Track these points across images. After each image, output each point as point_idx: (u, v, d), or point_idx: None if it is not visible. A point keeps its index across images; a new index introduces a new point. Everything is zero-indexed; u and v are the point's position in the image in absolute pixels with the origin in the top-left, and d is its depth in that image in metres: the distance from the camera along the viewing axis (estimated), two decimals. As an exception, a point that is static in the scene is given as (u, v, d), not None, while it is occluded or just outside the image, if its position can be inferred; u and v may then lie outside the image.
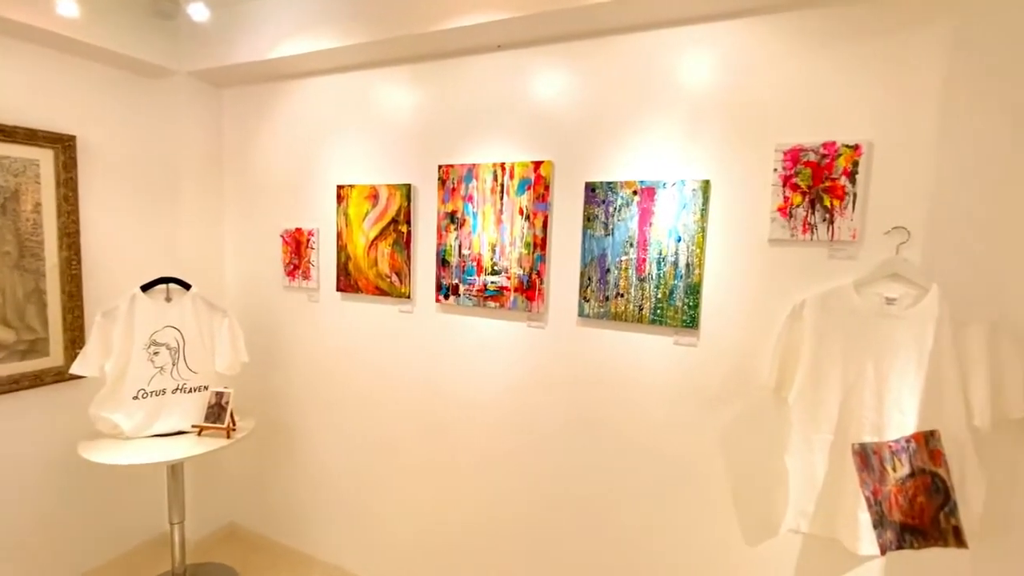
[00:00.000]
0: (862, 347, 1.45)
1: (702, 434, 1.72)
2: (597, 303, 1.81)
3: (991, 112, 1.34)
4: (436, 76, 2.06)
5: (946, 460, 1.37)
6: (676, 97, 1.67)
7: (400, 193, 2.13)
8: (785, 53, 1.53)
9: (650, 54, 1.70)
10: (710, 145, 1.64)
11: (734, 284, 1.64)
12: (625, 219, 1.74)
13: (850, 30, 1.46)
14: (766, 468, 1.61)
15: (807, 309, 1.51)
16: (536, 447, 1.98)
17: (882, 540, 1.42)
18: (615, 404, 1.83)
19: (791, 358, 1.54)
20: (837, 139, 1.47)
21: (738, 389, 1.66)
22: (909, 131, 1.42)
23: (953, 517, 1.37)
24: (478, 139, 2.00)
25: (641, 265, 1.73)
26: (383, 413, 2.30)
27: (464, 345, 2.09)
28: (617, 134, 1.76)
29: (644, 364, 1.78)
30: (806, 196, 1.51)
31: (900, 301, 1.43)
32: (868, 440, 1.44)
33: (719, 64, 1.62)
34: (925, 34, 1.39)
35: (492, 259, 1.97)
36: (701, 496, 1.74)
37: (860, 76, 1.46)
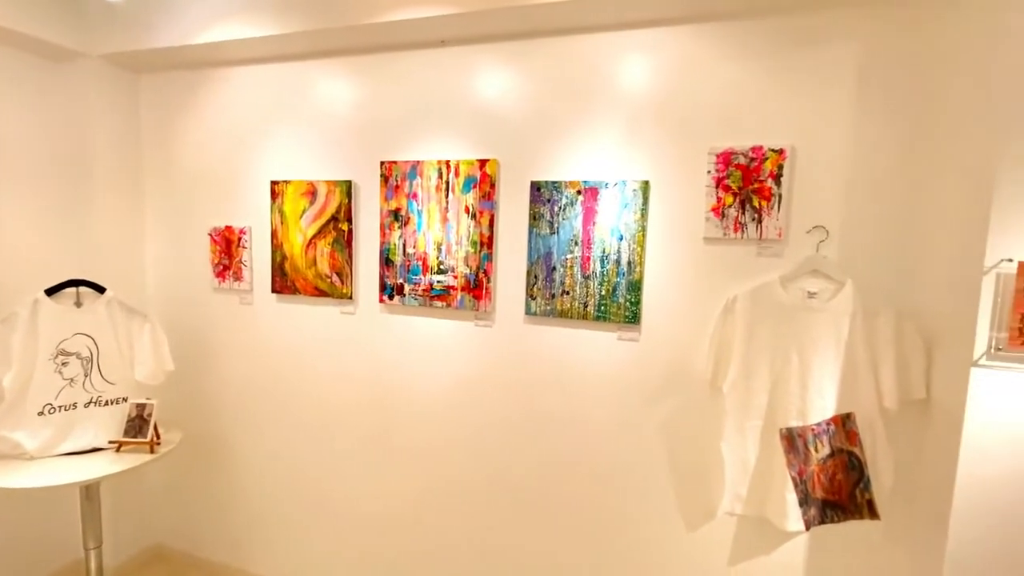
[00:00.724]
0: (788, 338, 1.56)
1: (644, 425, 1.78)
2: (544, 301, 1.83)
3: (895, 123, 1.48)
4: (377, 70, 2.01)
5: (860, 440, 1.50)
6: (617, 100, 1.72)
7: (340, 190, 2.06)
8: (717, 61, 1.62)
9: (591, 57, 1.74)
10: (649, 147, 1.70)
11: (672, 281, 1.71)
12: (570, 218, 1.77)
13: (775, 43, 1.56)
14: (704, 455, 1.69)
15: (739, 304, 1.60)
16: (486, 447, 1.98)
17: (807, 517, 1.53)
18: (562, 399, 1.86)
19: (725, 350, 1.62)
20: (764, 144, 1.57)
21: (677, 381, 1.73)
22: (826, 138, 1.53)
23: (867, 492, 1.50)
24: (422, 135, 1.97)
25: (586, 263, 1.76)
26: (325, 419, 2.21)
27: (410, 346, 2.05)
28: (561, 134, 1.79)
29: (590, 359, 1.82)
30: (737, 197, 1.60)
31: (820, 295, 1.54)
32: (794, 424, 1.55)
33: (656, 69, 1.68)
34: (838, 50, 1.51)
35: (438, 258, 1.95)
36: (644, 485, 1.80)
37: (784, 86, 1.56)
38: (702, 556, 1.75)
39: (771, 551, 1.68)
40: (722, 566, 1.74)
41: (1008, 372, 1.24)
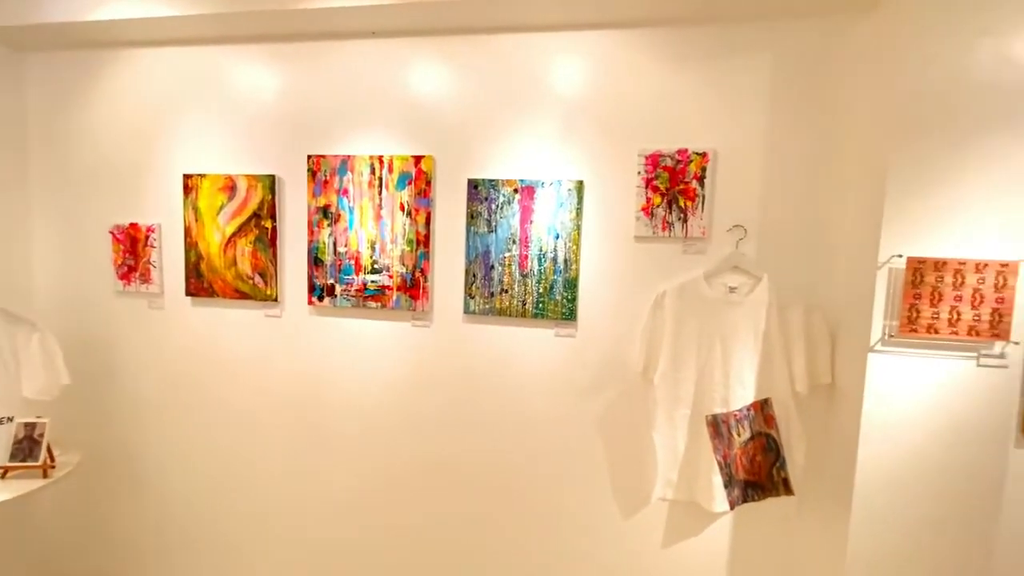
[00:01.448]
0: (711, 331, 1.65)
1: (581, 418, 1.82)
2: (482, 299, 1.82)
3: (804, 130, 1.61)
4: (304, 59, 1.90)
5: (776, 423, 1.62)
6: (552, 100, 1.75)
7: (262, 185, 1.94)
8: (646, 67, 1.68)
9: (527, 56, 1.75)
10: (583, 147, 1.74)
11: (606, 278, 1.76)
12: (507, 216, 1.78)
13: (698, 51, 1.65)
14: (637, 444, 1.76)
15: (667, 299, 1.67)
16: (426, 449, 1.94)
17: (731, 497, 1.64)
18: (502, 396, 1.87)
19: (655, 343, 1.70)
20: (689, 147, 1.65)
21: (611, 374, 1.79)
22: (745, 142, 1.64)
23: (783, 470, 1.63)
24: (353, 129, 1.89)
25: (523, 261, 1.78)
26: (251, 430, 2.07)
27: (343, 349, 1.97)
28: (498, 132, 1.79)
29: (529, 356, 1.83)
30: (664, 197, 1.68)
31: (740, 289, 1.65)
32: (718, 411, 1.65)
33: (589, 71, 1.72)
34: (754, 60, 1.62)
35: (372, 257, 1.88)
36: (582, 475, 1.84)
37: (707, 92, 1.65)
38: (637, 541, 1.83)
39: (700, 532, 1.78)
40: (656, 549, 1.82)
41: (899, 357, 1.39)
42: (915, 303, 1.36)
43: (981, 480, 1.37)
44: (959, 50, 1.30)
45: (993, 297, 1.32)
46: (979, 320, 1.33)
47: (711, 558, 1.78)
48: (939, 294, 1.35)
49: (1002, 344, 1.34)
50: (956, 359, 1.37)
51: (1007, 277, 1.31)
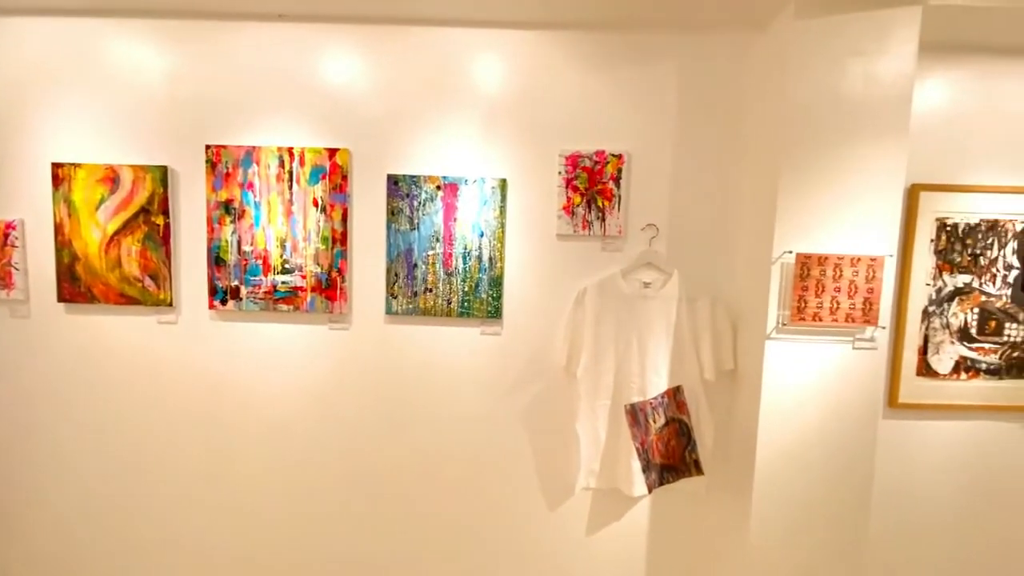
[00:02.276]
0: (628, 324, 1.74)
1: (508, 414, 1.83)
2: (405, 299, 1.77)
3: (708, 135, 1.73)
4: (202, 39, 1.73)
5: (688, 408, 1.74)
6: (474, 97, 1.73)
7: (152, 177, 1.74)
8: (566, 68, 1.72)
9: (449, 50, 1.72)
10: (506, 146, 1.74)
11: (530, 275, 1.79)
12: (430, 213, 1.74)
13: (613, 56, 1.71)
14: (562, 437, 1.80)
15: (588, 295, 1.73)
16: (348, 456, 1.85)
17: (649, 481, 1.73)
18: (428, 396, 1.83)
19: (577, 338, 1.75)
20: (606, 148, 1.71)
21: (536, 370, 1.82)
22: (656, 145, 1.74)
23: (694, 452, 1.75)
24: (258, 119, 1.75)
25: (448, 259, 1.75)
26: (142, 451, 1.86)
27: (251, 356, 1.82)
28: (419, 127, 1.74)
29: (454, 355, 1.81)
30: (584, 197, 1.73)
31: (653, 285, 1.75)
32: (635, 400, 1.73)
33: (511, 70, 1.72)
34: (663, 67, 1.71)
35: (282, 256, 1.76)
36: (509, 470, 1.86)
37: (622, 96, 1.73)
38: (563, 530, 1.87)
39: (621, 516, 1.87)
40: (581, 537, 1.88)
41: (791, 343, 1.54)
42: (803, 294, 1.52)
43: (858, 447, 1.56)
44: (834, 68, 1.46)
45: (865, 288, 1.51)
46: (854, 308, 1.52)
47: (632, 540, 1.88)
48: (822, 286, 1.51)
49: (872, 329, 1.53)
50: (836, 343, 1.55)
51: (875, 270, 1.50)
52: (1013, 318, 1.78)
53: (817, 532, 1.59)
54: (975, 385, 1.80)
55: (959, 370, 1.80)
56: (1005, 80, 1.74)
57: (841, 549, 1.60)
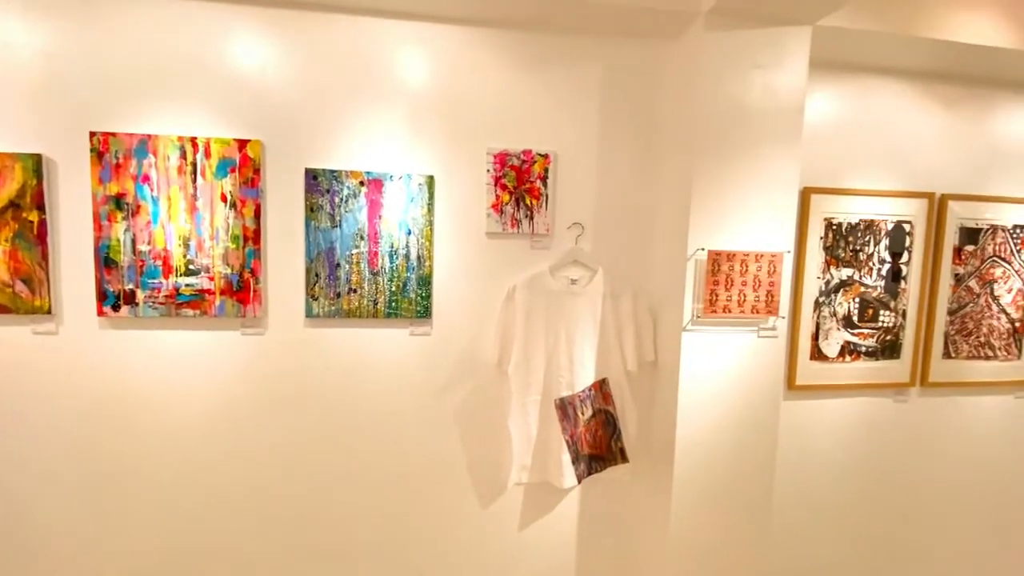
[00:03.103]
0: (557, 320, 1.77)
1: (439, 414, 1.81)
2: (327, 301, 1.68)
3: (629, 136, 1.81)
4: (81, 10, 1.53)
5: (613, 399, 1.81)
6: (400, 91, 1.68)
7: (23, 167, 1.51)
8: (493, 66, 1.71)
9: (373, 41, 1.65)
10: (433, 142, 1.71)
11: (460, 274, 1.77)
12: (353, 210, 1.66)
13: (540, 56, 1.73)
14: (494, 435, 1.81)
15: (517, 292, 1.75)
16: (268, 465, 1.73)
17: (578, 472, 1.78)
18: (355, 401, 1.75)
19: (508, 335, 1.76)
20: (533, 148, 1.74)
21: (468, 369, 1.81)
22: (581, 146, 1.78)
23: (619, 441, 1.83)
24: (155, 104, 1.58)
25: (373, 258, 1.69)
26: (20, 484, 1.62)
27: (150, 368, 1.65)
28: (340, 120, 1.66)
29: (382, 358, 1.75)
30: (513, 195, 1.74)
31: (580, 281, 1.80)
32: (565, 394, 1.78)
33: (439, 65, 1.69)
34: (586, 70, 1.76)
35: (186, 256, 1.61)
36: (441, 471, 1.83)
37: (548, 96, 1.75)
38: (496, 527, 1.88)
39: (552, 508, 1.91)
40: (513, 532, 1.90)
41: (705, 334, 1.66)
42: (714, 288, 1.63)
43: (762, 426, 1.71)
44: (738, 80, 1.58)
45: (767, 281, 1.65)
46: (758, 300, 1.65)
47: (562, 530, 1.92)
48: (731, 280, 1.64)
49: (774, 318, 1.68)
50: (743, 332, 1.68)
51: (776, 265, 1.65)
52: (886, 306, 2.04)
53: (729, 505, 1.72)
54: (857, 366, 2.04)
55: (844, 353, 2.03)
56: (878, 96, 1.98)
57: (750, 519, 1.74)
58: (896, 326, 2.05)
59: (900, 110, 2.00)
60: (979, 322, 2.11)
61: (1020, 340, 2.15)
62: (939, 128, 2.04)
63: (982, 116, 2.07)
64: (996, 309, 2.11)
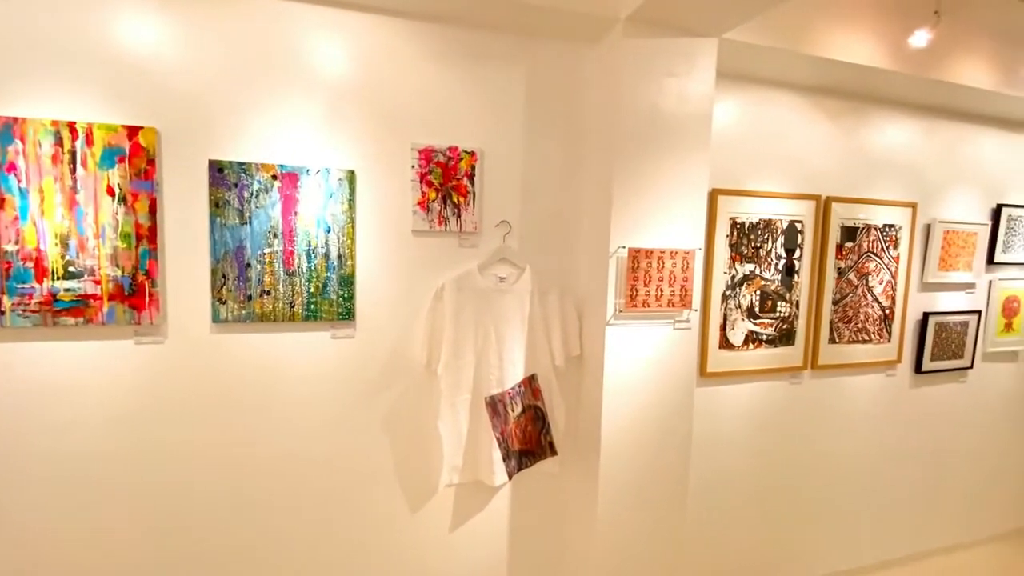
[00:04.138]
0: (486, 318, 1.77)
1: (365, 419, 1.74)
2: (237, 304, 1.55)
3: (553, 136, 1.83)
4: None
5: (542, 394, 1.84)
6: (315, 80, 1.58)
7: None
8: (418, 60, 1.66)
9: (285, 26, 1.54)
10: (353, 135, 1.63)
11: (385, 273, 1.71)
12: (265, 206, 1.55)
13: (466, 53, 1.71)
14: (423, 437, 1.78)
15: (446, 291, 1.72)
16: (175, 492, 1.57)
17: (509, 468, 1.80)
18: (272, 412, 1.64)
19: (437, 335, 1.73)
20: (460, 145, 1.71)
21: (395, 371, 1.75)
22: (507, 144, 1.79)
23: (548, 435, 1.86)
24: (21, 83, 1.37)
25: (289, 258, 1.58)
26: None
27: (20, 388, 1.43)
28: (249, 109, 1.54)
29: (301, 363, 1.65)
30: (439, 192, 1.71)
31: (508, 279, 1.81)
32: (495, 392, 1.78)
33: (359, 55, 1.61)
34: (512, 69, 1.77)
35: (64, 257, 1.41)
36: (370, 478, 1.76)
37: (474, 93, 1.73)
38: (427, 530, 1.85)
39: (484, 507, 1.91)
40: (445, 534, 1.87)
41: (626, 328, 1.73)
42: (634, 284, 1.71)
43: (679, 412, 1.82)
44: (654, 86, 1.66)
45: (681, 277, 1.76)
46: (674, 295, 1.75)
47: (494, 527, 1.93)
48: (649, 276, 1.72)
49: (687, 311, 1.79)
50: (661, 325, 1.77)
51: (688, 262, 1.76)
52: (782, 297, 2.25)
53: (651, 486, 1.82)
54: (759, 353, 2.23)
55: (748, 342, 2.21)
56: (774, 107, 2.17)
57: (670, 496, 1.85)
58: (791, 316, 2.27)
59: (793, 120, 2.21)
60: (857, 310, 2.39)
61: (890, 325, 2.46)
62: (824, 137, 2.27)
63: (859, 128, 2.33)
64: (870, 299, 2.41)
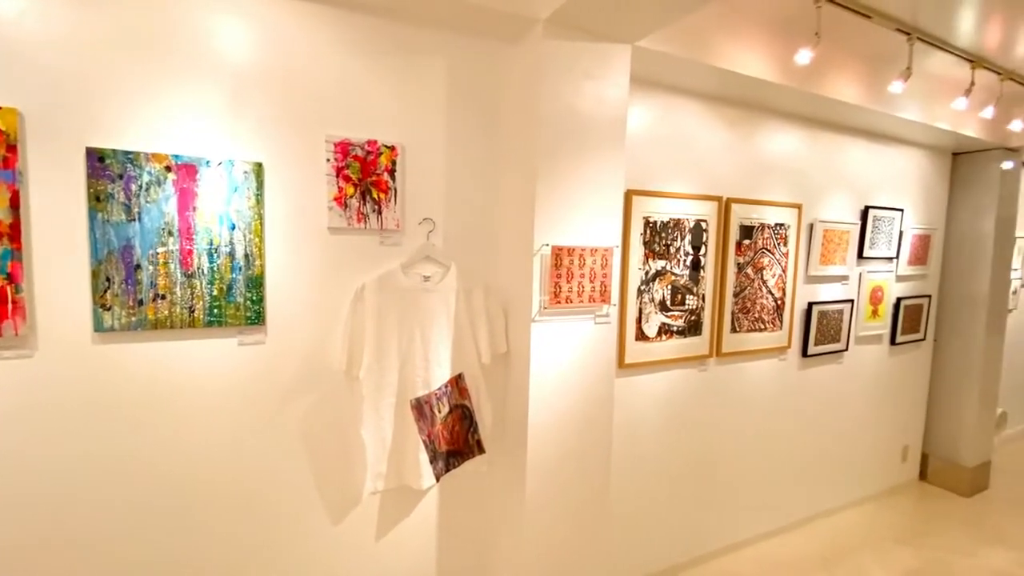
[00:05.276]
0: (411, 319, 1.73)
1: (280, 429, 1.62)
2: (126, 311, 1.38)
3: (476, 133, 1.82)
4: None
5: (469, 393, 1.83)
6: (217, 63, 1.44)
7: None
8: (332, 49, 1.57)
9: (178, 2, 1.39)
10: (261, 126, 1.51)
11: (299, 273, 1.60)
12: (158, 201, 1.39)
13: (384, 44, 1.64)
14: (345, 446, 1.70)
15: (367, 292, 1.65)
16: (63, 521, 1.36)
17: (437, 470, 1.77)
18: (173, 426, 1.48)
19: (358, 338, 1.66)
20: (379, 139, 1.65)
21: (313, 377, 1.65)
22: (429, 139, 1.75)
23: (476, 434, 1.85)
24: None
25: (187, 258, 1.43)
26: None
27: None
28: (137, 91, 1.37)
29: (204, 374, 1.51)
30: (358, 188, 1.64)
31: (433, 278, 1.77)
32: (421, 394, 1.74)
33: (264, 39, 1.49)
34: (433, 62, 1.73)
35: None
36: (287, 492, 1.65)
37: (393, 86, 1.67)
38: (351, 541, 1.77)
39: (411, 511, 1.86)
40: (371, 543, 1.80)
41: (551, 323, 1.76)
42: (557, 281, 1.74)
43: (601, 402, 1.89)
44: (573, 88, 1.70)
45: (601, 273, 1.82)
46: (595, 290, 1.81)
47: (422, 532, 1.89)
48: (571, 273, 1.77)
49: (607, 306, 1.86)
50: (582, 320, 1.83)
51: (607, 258, 1.83)
52: (690, 291, 2.41)
53: (576, 475, 1.87)
54: (671, 344, 2.38)
55: (661, 333, 2.34)
56: (682, 113, 2.31)
57: (593, 484, 1.91)
58: (698, 308, 2.44)
59: (697, 126, 2.37)
60: (754, 302, 2.62)
61: (781, 315, 2.73)
62: (724, 143, 2.47)
63: (754, 135, 2.56)
64: (765, 291, 2.65)
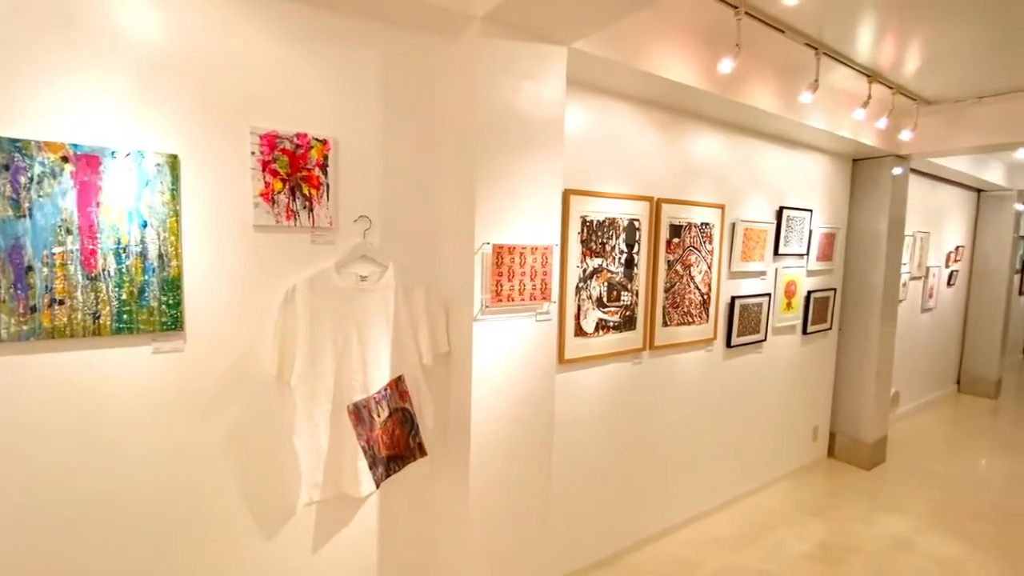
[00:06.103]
0: (346, 320, 1.66)
1: (202, 443, 1.50)
2: (15, 318, 1.22)
3: (413, 128, 1.78)
4: None
5: (410, 395, 1.79)
6: (123, 45, 1.31)
7: None
8: (257, 35, 1.47)
9: (65, -30, 1.24)
10: (175, 115, 1.39)
11: (222, 274, 1.49)
12: (53, 195, 1.24)
13: (313, 33, 1.56)
14: (276, 456, 1.60)
15: (298, 293, 1.57)
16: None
17: (377, 476, 1.71)
18: (79, 444, 1.32)
19: (289, 342, 1.57)
20: (309, 132, 1.56)
21: (238, 385, 1.55)
22: (364, 134, 1.68)
23: (417, 437, 1.82)
24: None
25: (90, 259, 1.29)
26: None
27: None
28: (25, 72, 1.21)
29: (112, 386, 1.36)
30: (286, 183, 1.55)
31: (370, 277, 1.71)
32: (359, 398, 1.68)
33: (179, 21, 1.37)
34: (366, 55, 1.66)
35: None
36: (211, 509, 1.53)
37: (324, 77, 1.59)
38: (285, 556, 1.68)
39: (350, 520, 1.79)
40: (307, 556, 1.72)
41: (492, 322, 1.76)
42: (499, 279, 1.74)
43: (542, 398, 1.91)
44: (510, 87, 1.71)
45: (541, 271, 1.84)
46: (535, 288, 1.83)
47: (363, 539, 1.82)
48: (512, 272, 1.77)
49: (547, 304, 1.89)
50: (524, 318, 1.84)
51: (547, 257, 1.85)
52: (625, 288, 2.49)
53: (518, 471, 1.88)
54: (608, 338, 2.45)
55: (598, 329, 2.41)
56: (616, 116, 2.38)
57: (535, 479, 1.93)
58: (632, 304, 2.53)
59: (631, 128, 2.46)
60: (683, 297, 2.76)
61: (707, 308, 2.89)
62: (655, 145, 2.57)
63: (682, 138, 2.69)
64: (693, 286, 2.80)
